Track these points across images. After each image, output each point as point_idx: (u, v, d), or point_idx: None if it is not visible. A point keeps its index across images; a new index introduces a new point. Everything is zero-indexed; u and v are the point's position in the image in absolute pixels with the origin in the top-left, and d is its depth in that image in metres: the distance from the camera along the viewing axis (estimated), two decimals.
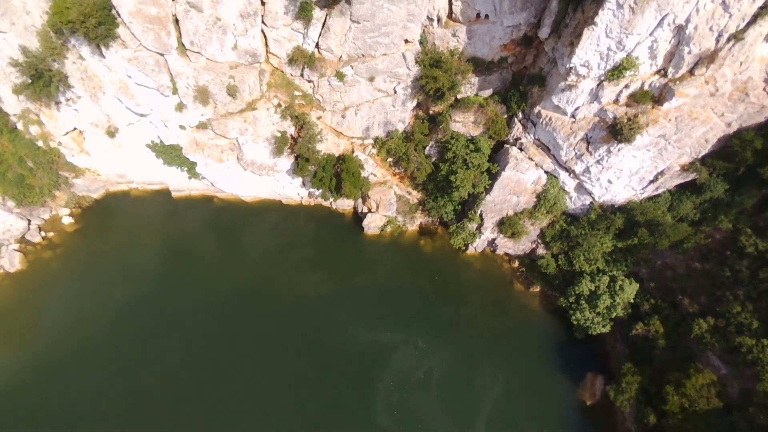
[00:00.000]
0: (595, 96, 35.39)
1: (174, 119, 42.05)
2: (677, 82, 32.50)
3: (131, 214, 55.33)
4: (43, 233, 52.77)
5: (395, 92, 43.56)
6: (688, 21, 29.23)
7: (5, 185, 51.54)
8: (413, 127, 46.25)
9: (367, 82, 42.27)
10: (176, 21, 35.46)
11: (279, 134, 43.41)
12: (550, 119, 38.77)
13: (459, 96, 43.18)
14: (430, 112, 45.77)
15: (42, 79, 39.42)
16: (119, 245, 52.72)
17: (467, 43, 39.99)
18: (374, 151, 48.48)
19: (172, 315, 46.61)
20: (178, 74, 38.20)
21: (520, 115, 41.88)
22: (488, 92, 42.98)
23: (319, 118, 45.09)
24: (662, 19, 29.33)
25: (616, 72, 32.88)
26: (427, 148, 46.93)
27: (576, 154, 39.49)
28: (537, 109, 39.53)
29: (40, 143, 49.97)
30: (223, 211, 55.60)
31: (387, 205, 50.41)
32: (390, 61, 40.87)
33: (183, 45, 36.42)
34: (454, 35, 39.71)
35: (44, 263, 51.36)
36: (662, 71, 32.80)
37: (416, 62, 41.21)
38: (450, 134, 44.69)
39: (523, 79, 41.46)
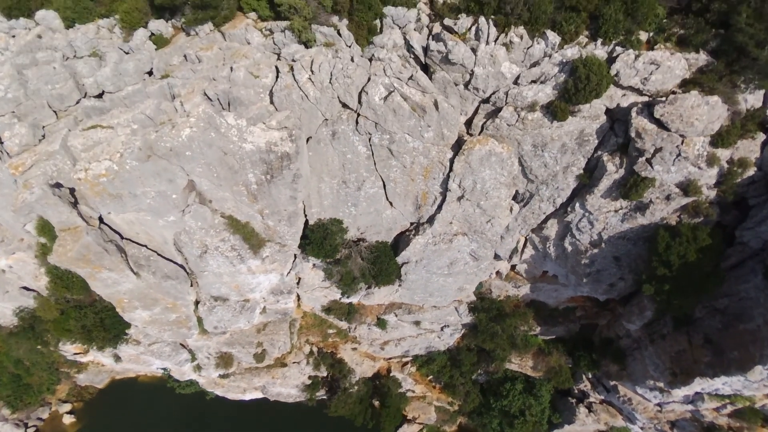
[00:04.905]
0: (690, 400, 30.05)
1: (191, 375, 36.84)
2: None
3: (138, 406, 49.97)
4: None
5: (442, 330, 38.31)
6: None
7: (0, 389, 46.44)
8: (460, 354, 40.90)
9: (412, 325, 37.01)
10: (196, 304, 30.21)
11: (310, 381, 38.17)
12: (629, 399, 33.47)
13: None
14: None
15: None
16: None
17: (529, 294, 34.73)
18: (413, 369, 43.20)
19: None
20: (198, 349, 32.96)
21: (590, 374, 36.53)
22: (551, 336, 37.66)
23: (354, 348, 39.83)
24: None
25: (723, 398, 27.56)
26: (476, 374, 41.65)
27: (657, 430, 34.22)
28: (613, 381, 34.19)
29: (38, 347, 44.76)
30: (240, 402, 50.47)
31: (425, 419, 45.20)
32: (440, 312, 35.61)
33: (205, 330, 31.11)
34: (515, 287, 34.38)
35: None
36: None
37: (469, 311, 35.93)
38: (503, 370, 39.44)
39: (594, 333, 36.08)
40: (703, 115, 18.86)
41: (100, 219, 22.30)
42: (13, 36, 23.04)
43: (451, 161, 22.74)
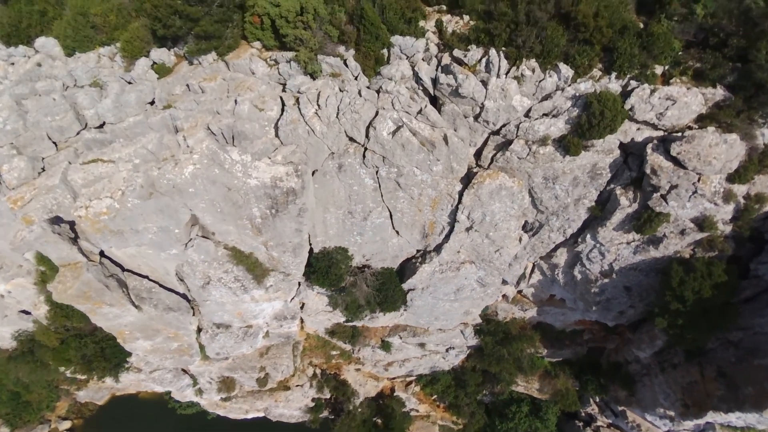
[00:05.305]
0: (701, 429, 29.50)
1: (192, 398, 36.30)
2: None
3: (139, 423, 49.53)
4: None
5: (447, 352, 37.78)
6: None
7: None
8: (465, 374, 40.35)
9: (417, 347, 36.50)
10: (198, 332, 29.71)
11: (314, 404, 37.65)
12: (638, 425, 32.96)
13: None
14: None
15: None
16: None
17: (535, 316, 34.21)
18: (417, 388, 42.66)
19: None
20: (199, 374, 32.48)
21: (597, 398, 36.00)
22: (557, 358, 37.11)
23: (357, 369, 39.32)
24: None
25: (735, 429, 27.02)
26: (481, 394, 41.12)
27: None
28: (621, 407, 33.66)
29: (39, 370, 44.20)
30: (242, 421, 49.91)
31: None
32: (445, 334, 35.09)
33: (207, 356, 30.60)
34: (521, 310, 33.86)
35: None
36: None
37: (475, 334, 35.39)
38: (509, 392, 38.92)
39: (602, 356, 35.54)
40: (722, 154, 18.36)
41: (101, 253, 21.82)
42: (12, 64, 22.51)
43: (460, 193, 22.23)
